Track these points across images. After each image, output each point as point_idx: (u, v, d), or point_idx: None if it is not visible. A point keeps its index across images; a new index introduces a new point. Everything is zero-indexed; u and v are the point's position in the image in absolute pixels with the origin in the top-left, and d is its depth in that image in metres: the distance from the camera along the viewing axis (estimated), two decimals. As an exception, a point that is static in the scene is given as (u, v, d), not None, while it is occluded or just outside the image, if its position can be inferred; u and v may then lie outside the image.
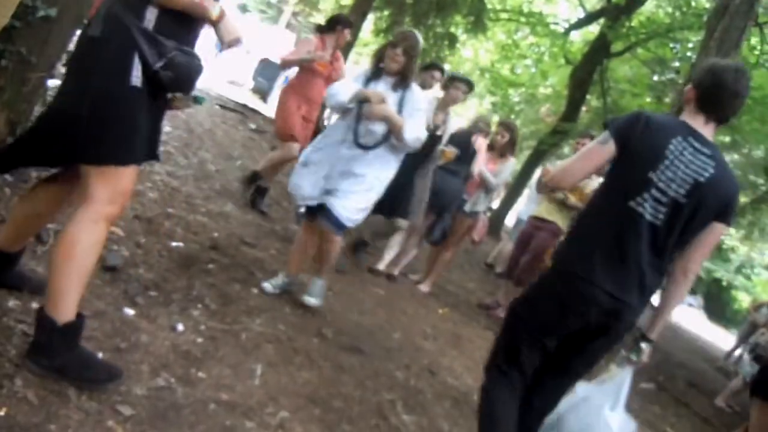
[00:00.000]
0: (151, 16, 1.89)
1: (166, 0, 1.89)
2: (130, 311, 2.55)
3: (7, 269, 2.22)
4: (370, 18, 11.56)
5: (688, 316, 18.46)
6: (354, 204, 3.25)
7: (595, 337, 2.25)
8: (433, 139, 4.59)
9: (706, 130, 2.18)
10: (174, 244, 3.45)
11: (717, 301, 31.44)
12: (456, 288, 6.40)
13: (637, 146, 2.14)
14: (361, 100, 3.24)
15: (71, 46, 3.40)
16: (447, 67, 14.65)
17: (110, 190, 1.91)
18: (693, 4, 11.33)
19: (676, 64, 12.47)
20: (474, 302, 6.11)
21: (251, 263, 3.77)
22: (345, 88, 3.32)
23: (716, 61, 2.29)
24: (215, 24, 1.99)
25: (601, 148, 2.20)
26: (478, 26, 11.01)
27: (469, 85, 5.05)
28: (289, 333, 3.09)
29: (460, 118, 19.35)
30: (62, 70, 4.37)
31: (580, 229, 2.35)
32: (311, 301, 3.47)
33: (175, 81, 1.93)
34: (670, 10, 12.34)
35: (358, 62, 21.71)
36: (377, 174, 3.31)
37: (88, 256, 1.90)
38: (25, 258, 2.37)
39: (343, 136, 3.32)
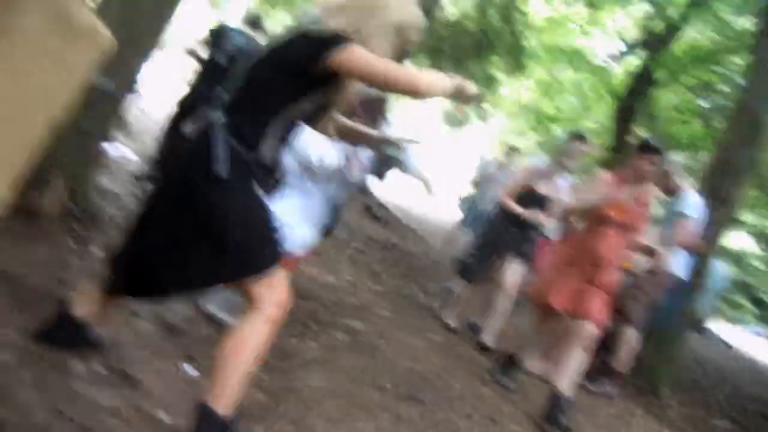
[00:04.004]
0: (267, 150, 2.02)
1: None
2: (190, 369, 2.57)
3: (77, 334, 2.28)
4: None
5: (757, 347, 17.58)
6: None
7: None
8: None
9: None
10: (230, 300, 3.49)
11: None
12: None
13: None
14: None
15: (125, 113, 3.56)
16: (487, 107, 14.70)
17: (275, 294, 2.04)
18: (735, 27, 11.12)
19: (724, 88, 12.21)
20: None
21: (306, 316, 3.78)
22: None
23: None
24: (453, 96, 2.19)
25: None
26: (516, 66, 11.06)
27: None
28: (347, 386, 3.07)
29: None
30: (118, 136, 4.58)
31: None
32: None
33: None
34: (712, 35, 12.15)
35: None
36: None
37: (254, 355, 2.03)
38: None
39: None
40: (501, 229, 4.90)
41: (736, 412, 6.60)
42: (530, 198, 4.73)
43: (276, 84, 2.00)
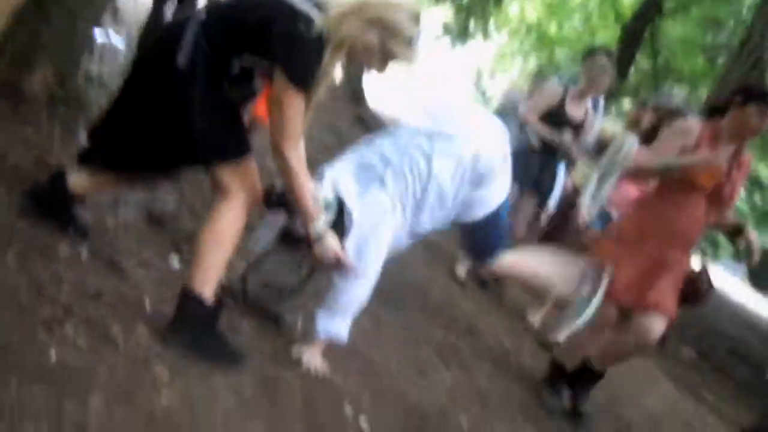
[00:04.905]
0: (235, 67, 2.04)
1: (296, 194, 2.09)
2: (175, 261, 2.58)
3: (65, 204, 2.28)
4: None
5: (732, 286, 18.04)
6: None
7: None
8: None
9: None
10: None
11: (765, 271, 30.55)
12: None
13: None
14: None
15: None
16: (492, 24, 14.29)
17: (245, 182, 2.08)
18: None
19: (732, 25, 11.94)
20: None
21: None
22: None
23: None
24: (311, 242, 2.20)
25: None
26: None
27: None
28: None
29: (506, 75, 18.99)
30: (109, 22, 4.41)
31: None
32: None
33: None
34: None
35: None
36: None
37: (232, 240, 2.07)
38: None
39: None
40: (521, 158, 3.91)
41: (704, 344, 6.84)
42: (559, 123, 4.17)
43: (251, 33, 2.00)
